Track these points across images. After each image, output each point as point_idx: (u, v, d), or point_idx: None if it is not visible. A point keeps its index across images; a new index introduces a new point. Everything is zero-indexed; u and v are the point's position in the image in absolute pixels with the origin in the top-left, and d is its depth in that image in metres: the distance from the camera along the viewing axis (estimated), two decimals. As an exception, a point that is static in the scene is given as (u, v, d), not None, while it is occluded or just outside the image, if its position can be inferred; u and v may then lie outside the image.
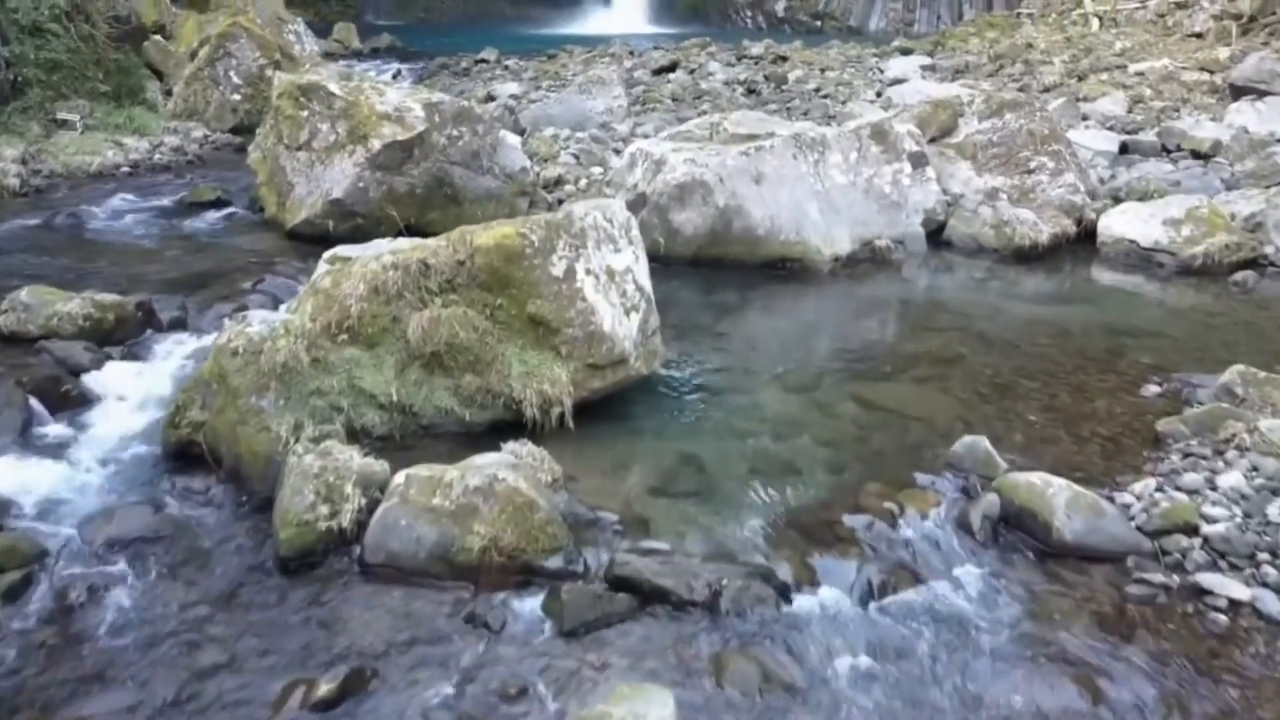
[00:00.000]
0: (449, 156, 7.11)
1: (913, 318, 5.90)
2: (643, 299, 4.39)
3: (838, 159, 6.75)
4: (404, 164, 6.80)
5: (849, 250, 6.70)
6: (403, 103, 6.76)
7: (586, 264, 4.07)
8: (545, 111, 9.66)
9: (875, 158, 6.88)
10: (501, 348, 4.03)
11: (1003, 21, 22.25)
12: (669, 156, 6.71)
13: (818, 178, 6.68)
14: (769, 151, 6.59)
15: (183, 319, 5.30)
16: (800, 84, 12.82)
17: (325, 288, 3.95)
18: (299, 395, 3.83)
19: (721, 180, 6.51)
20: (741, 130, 6.92)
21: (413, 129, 6.68)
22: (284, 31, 13.67)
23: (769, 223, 6.53)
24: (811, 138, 6.69)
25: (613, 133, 9.62)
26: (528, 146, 9.09)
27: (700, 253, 6.68)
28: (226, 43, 10.93)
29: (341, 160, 6.65)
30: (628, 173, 7.02)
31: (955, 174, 7.59)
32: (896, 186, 6.91)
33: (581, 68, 14.94)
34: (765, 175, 6.55)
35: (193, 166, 9.37)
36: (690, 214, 6.60)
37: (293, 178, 6.91)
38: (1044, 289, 6.50)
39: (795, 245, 6.55)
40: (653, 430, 4.31)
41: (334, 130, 6.70)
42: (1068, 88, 13.01)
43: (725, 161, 6.54)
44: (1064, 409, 4.47)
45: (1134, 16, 19.15)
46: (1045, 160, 7.56)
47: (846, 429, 4.34)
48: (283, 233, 6.98)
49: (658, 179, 6.70)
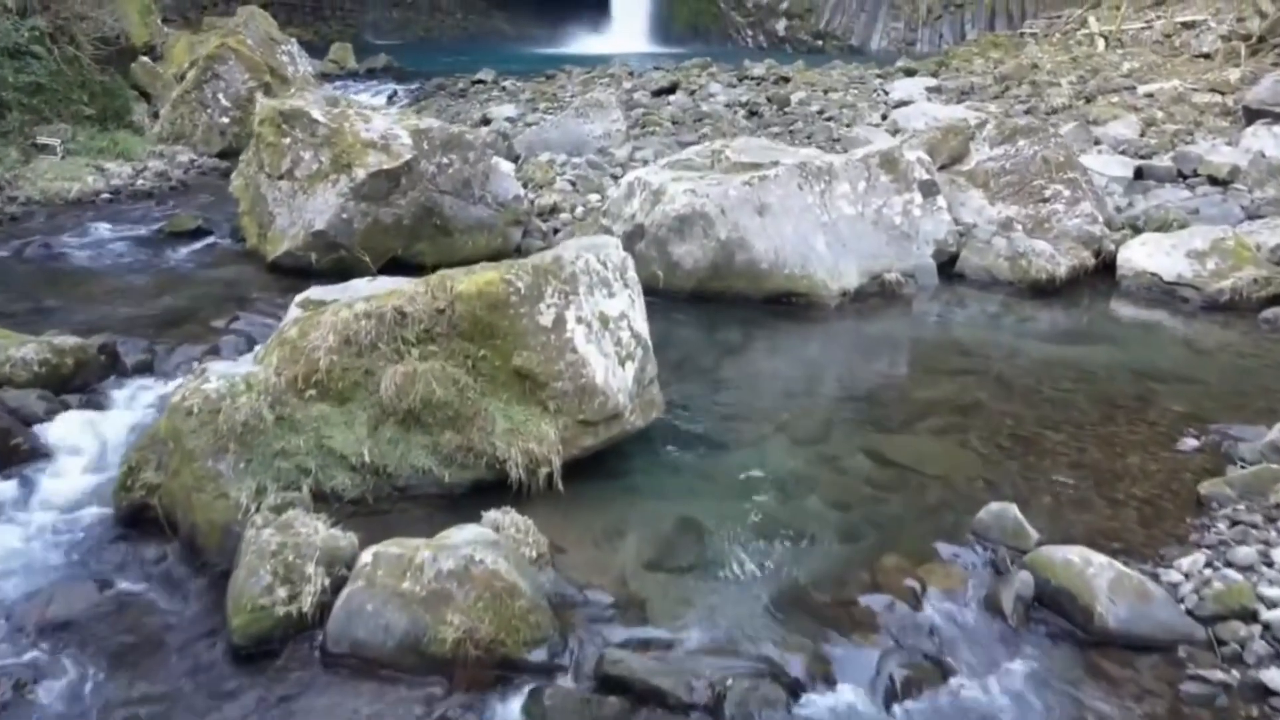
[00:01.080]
0: (438, 185, 6.80)
1: (926, 359, 5.57)
2: (639, 346, 4.06)
3: (845, 189, 6.43)
4: (390, 194, 6.49)
5: (857, 284, 6.37)
6: (389, 130, 6.46)
7: (577, 311, 3.74)
8: (541, 136, 9.37)
9: (885, 187, 6.57)
10: (484, 402, 3.70)
11: (1006, 41, 22.02)
12: (668, 186, 6.40)
13: (824, 209, 6.36)
14: (773, 181, 6.28)
15: (149, 362, 4.98)
16: (803, 106, 12.54)
17: (292, 338, 3.62)
18: (261, 457, 3.49)
19: (723, 212, 6.19)
20: (744, 158, 6.61)
21: (399, 157, 6.37)
22: (277, 52, 13.40)
23: (773, 256, 6.21)
24: (817, 167, 6.38)
25: (610, 158, 9.32)
26: (522, 173, 8.80)
27: (701, 287, 6.36)
28: (215, 64, 10.65)
29: (324, 190, 6.34)
30: (625, 203, 6.71)
31: (967, 203, 7.28)
32: (907, 217, 6.59)
33: (580, 89, 14.68)
34: (769, 206, 6.24)
35: (176, 193, 9.07)
36: (690, 247, 6.28)
37: (274, 208, 6.60)
38: (1063, 326, 6.16)
39: (801, 280, 6.23)
40: (650, 489, 3.98)
41: (317, 159, 6.40)
42: (1076, 110, 12.73)
43: (727, 192, 6.23)
44: (1094, 466, 4.12)
45: (1140, 37, 18.90)
46: (1060, 188, 7.25)
47: (859, 489, 4.00)
48: (264, 265, 6.67)
49: (656, 210, 6.38)
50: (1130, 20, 19.67)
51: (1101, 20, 20.34)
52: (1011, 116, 12.70)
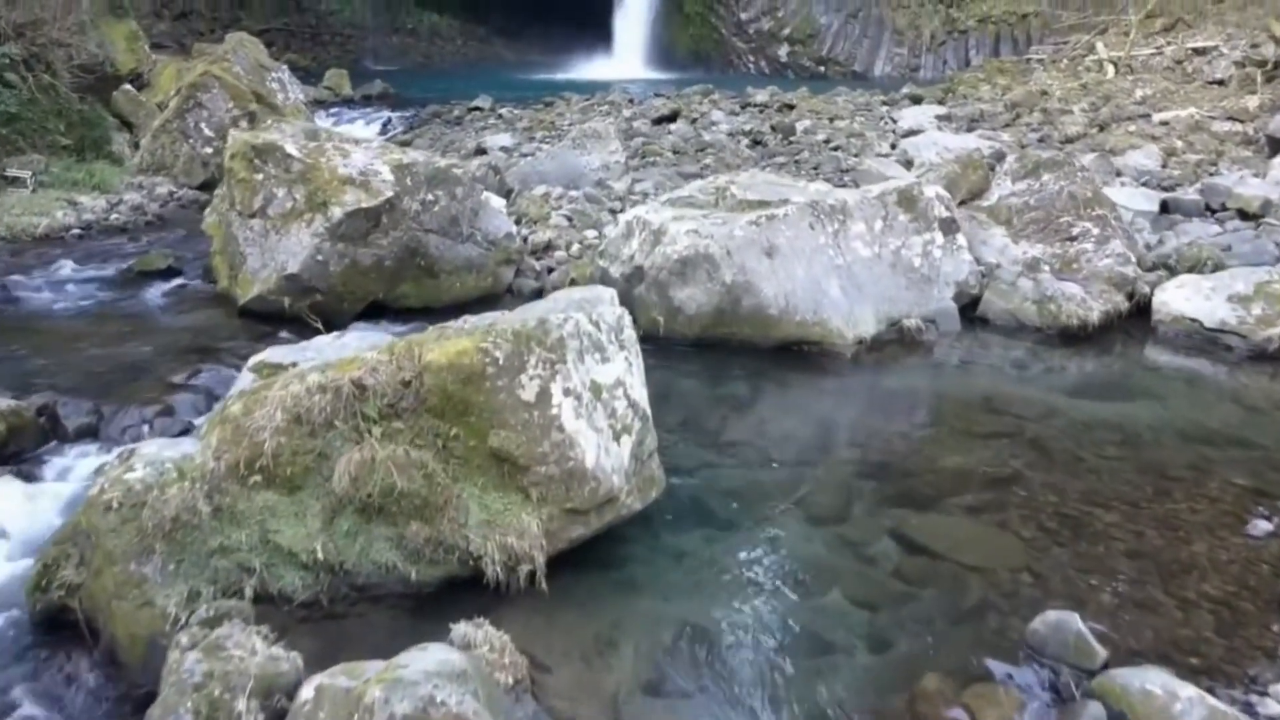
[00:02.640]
0: (423, 224, 6.34)
1: (953, 418, 5.07)
2: (636, 417, 3.57)
3: (860, 229, 5.96)
4: (370, 233, 6.02)
5: (874, 332, 5.89)
6: (369, 165, 6.00)
7: (565, 382, 3.25)
8: (536, 168, 8.93)
9: (903, 227, 6.10)
10: (457, 488, 3.20)
11: (1012, 67, 21.69)
12: (669, 226, 5.93)
13: (838, 250, 5.89)
14: (782, 221, 5.82)
15: (94, 426, 4.49)
16: (809, 135, 12.11)
17: (234, 416, 3.13)
18: (195, 556, 3.00)
19: (729, 254, 5.72)
20: (751, 195, 6.15)
21: (379, 195, 5.91)
22: (266, 80, 13.01)
23: (783, 301, 5.74)
24: (830, 205, 5.91)
25: (609, 191, 8.87)
26: (516, 207, 8.35)
27: (705, 333, 5.88)
28: (197, 93, 10.23)
29: (299, 230, 5.87)
30: (623, 243, 6.24)
31: (989, 241, 6.81)
32: (927, 259, 6.12)
33: (579, 116, 14.27)
34: (778, 248, 5.77)
35: (151, 227, 8.61)
36: (693, 291, 5.81)
37: (245, 248, 6.13)
38: (1099, 379, 5.67)
39: (813, 327, 5.74)
40: (648, 584, 3.47)
41: (291, 196, 5.93)
42: (1091, 139, 12.30)
43: (733, 232, 5.76)
44: (1155, 556, 3.62)
45: (1150, 63, 18.54)
46: (1089, 226, 6.78)
47: (888, 583, 3.50)
48: (234, 309, 6.19)
49: (657, 251, 5.91)
50: (1139, 46, 19.33)
51: (1110, 46, 20.01)
52: (1025, 145, 12.31)
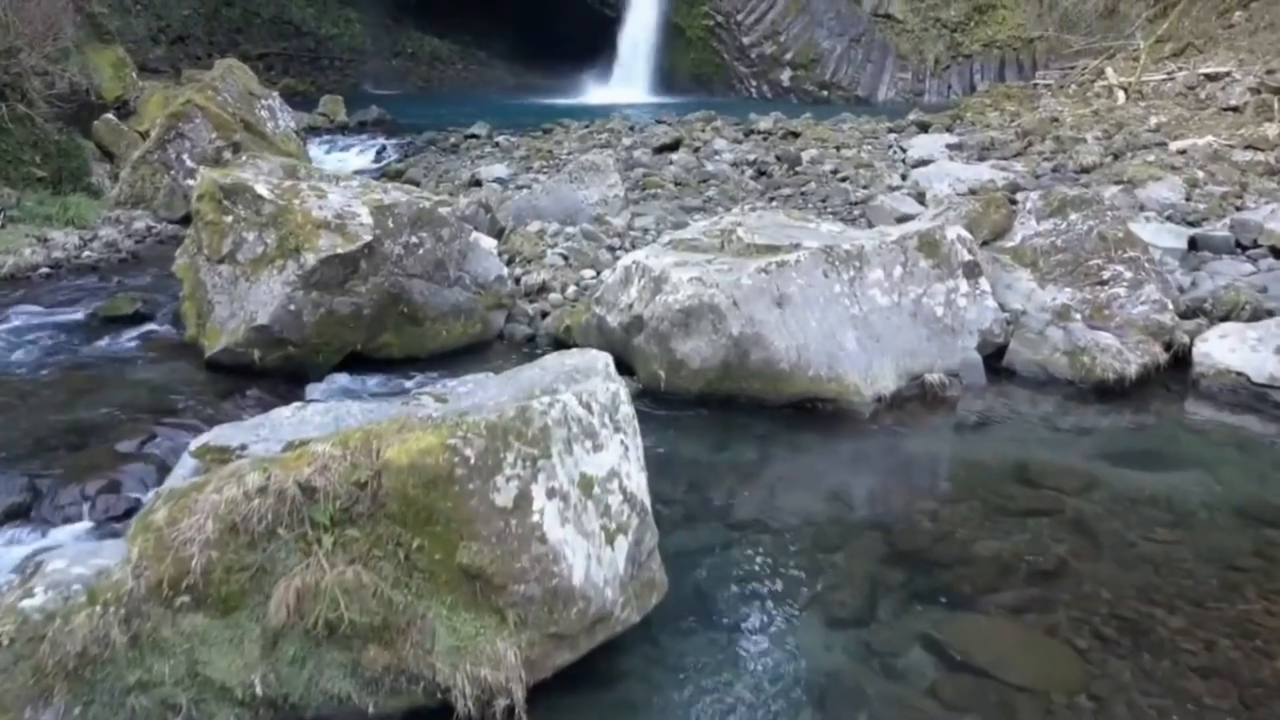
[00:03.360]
0: (405, 268, 5.89)
1: (985, 491, 4.58)
2: (634, 513, 3.09)
3: (878, 276, 5.51)
4: (347, 280, 5.57)
5: (894, 388, 5.42)
6: (346, 207, 5.56)
7: (549, 481, 2.78)
8: (531, 203, 8.50)
9: (924, 273, 5.64)
10: (421, 606, 2.72)
11: (1019, 93, 21.35)
12: (671, 273, 5.48)
13: (855, 299, 5.43)
14: (794, 268, 5.36)
15: (26, 506, 4.02)
16: (815, 165, 11.69)
17: (158, 525, 2.66)
18: (108, 696, 2.52)
19: (736, 304, 5.26)
20: (759, 239, 5.70)
21: (356, 239, 5.46)
22: (255, 108, 12.61)
23: (795, 355, 5.27)
24: (846, 251, 5.46)
25: (607, 227, 8.43)
26: (509, 245, 7.91)
27: (710, 389, 5.42)
28: (179, 123, 9.83)
29: (269, 277, 5.42)
30: (621, 289, 5.79)
31: (1014, 286, 6.35)
32: (950, 308, 5.66)
33: (577, 145, 13.87)
34: (790, 297, 5.31)
35: (125, 266, 8.18)
36: (698, 343, 5.35)
37: (213, 295, 5.68)
38: (1141, 443, 5.19)
39: (828, 382, 5.28)
40: (645, 706, 2.99)
41: (261, 240, 5.49)
42: (1108, 169, 11.87)
43: (740, 280, 5.31)
44: (1234, 674, 3.13)
45: (1161, 89, 18.17)
46: (1120, 269, 6.33)
47: (923, 705, 3.01)
48: (202, 361, 5.73)
49: (657, 300, 5.46)
50: (1150, 72, 18.97)
51: (1119, 72, 19.66)
52: (1039, 175, 11.89)
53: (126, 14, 25.68)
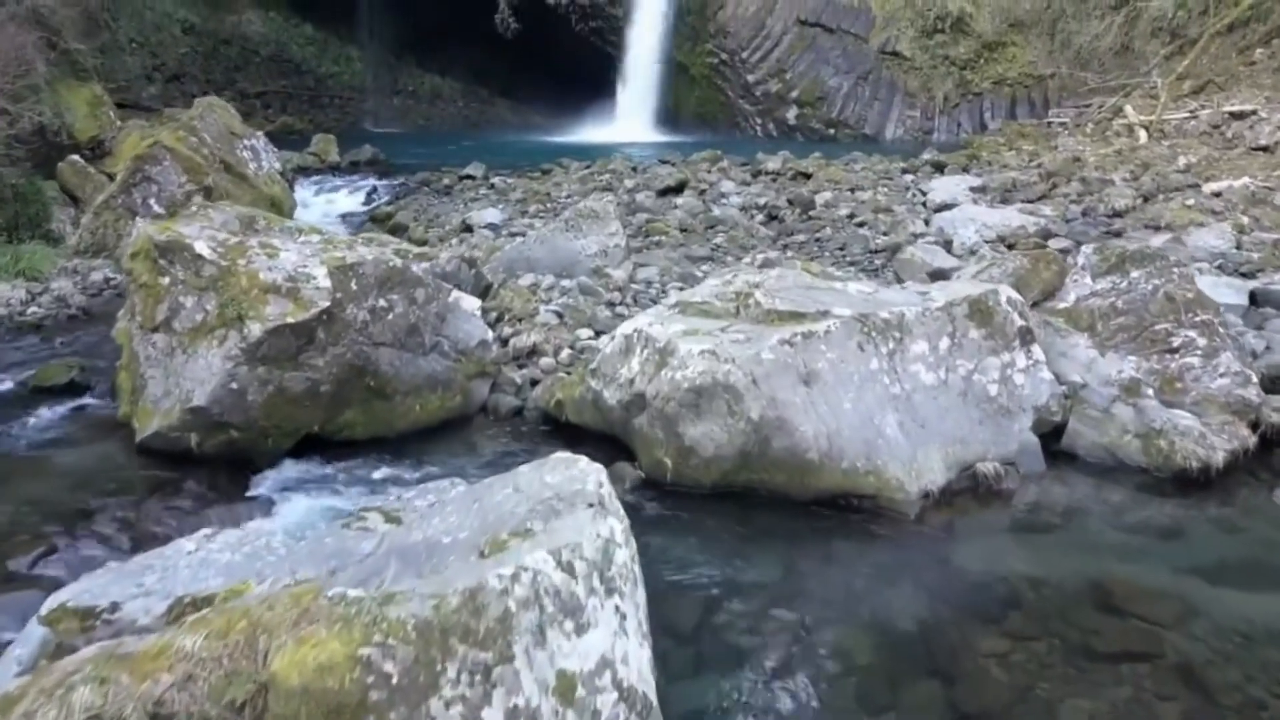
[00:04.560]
0: (372, 336, 5.11)
1: (1062, 621, 3.73)
2: (633, 714, 2.26)
3: (922, 349, 4.71)
4: (301, 352, 4.78)
5: (943, 481, 4.60)
6: (301, 267, 4.78)
7: (511, 696, 1.95)
8: (524, 254, 7.73)
9: (976, 346, 4.84)
10: None
11: (1034, 132, 20.72)
12: (678, 344, 4.68)
13: (895, 377, 4.63)
14: (823, 340, 4.56)
15: None
16: (830, 209, 10.94)
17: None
18: None
19: (755, 382, 4.46)
20: (780, 304, 4.90)
21: (311, 306, 4.68)
22: (236, 148, 11.94)
23: (825, 443, 4.46)
24: (884, 319, 4.66)
25: (607, 280, 7.66)
26: (497, 301, 7.13)
27: (726, 481, 4.61)
28: (145, 165, 9.12)
29: (208, 350, 4.63)
30: (621, 360, 4.99)
31: (1070, 354, 5.55)
32: (1006, 386, 4.85)
33: (577, 187, 13.17)
34: (819, 374, 4.51)
35: (74, 324, 7.40)
36: (710, 427, 4.54)
37: (147, 369, 4.89)
38: (1239, 550, 4.34)
39: (865, 476, 4.46)
40: None
41: (201, 307, 4.71)
42: (1142, 212, 11.13)
43: (760, 354, 4.51)
44: None
45: (1184, 127, 17.50)
46: (1192, 335, 5.52)
47: None
48: (134, 445, 4.93)
49: (663, 376, 4.66)
50: (1171, 110, 18.32)
51: (1139, 110, 19.01)
52: (1070, 220, 11.14)
53: (120, 52, 25.30)
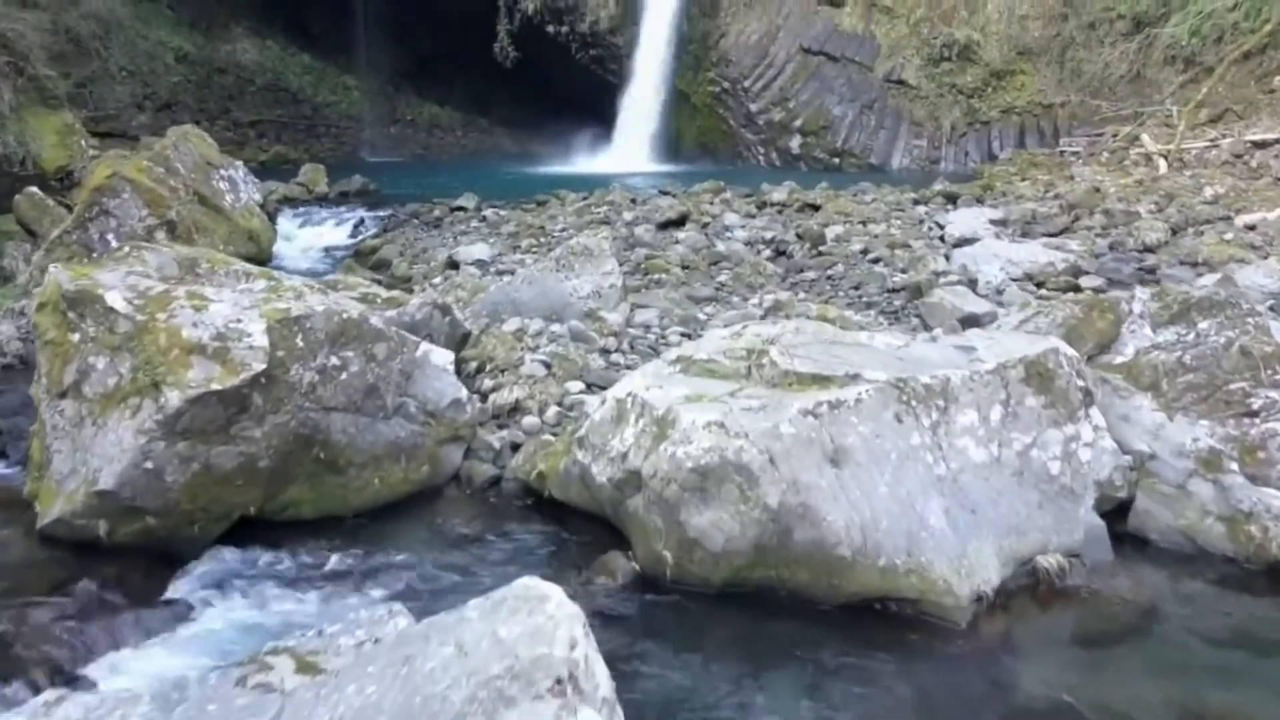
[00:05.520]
0: (321, 400, 4.36)
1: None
2: None
3: (971, 420, 3.95)
4: (233, 423, 4.03)
5: (997, 579, 3.82)
6: (234, 322, 4.04)
7: None
8: (509, 296, 7.00)
9: (1033, 415, 4.08)
10: None
11: (1047, 161, 20.10)
12: (680, 413, 3.93)
13: (940, 454, 3.87)
14: (853, 410, 3.81)
15: None
16: (842, 244, 10.22)
17: None
18: None
19: (773, 461, 3.71)
20: (800, 364, 4.16)
21: (243, 370, 3.94)
22: (212, 178, 11.27)
23: (858, 535, 3.70)
24: (926, 385, 3.91)
25: (601, 324, 6.92)
26: (479, 349, 6.39)
27: (738, 579, 3.84)
28: (103, 198, 8.43)
29: (119, 422, 3.89)
30: (612, 430, 4.24)
31: (1133, 417, 4.80)
32: (1069, 463, 4.08)
33: (573, 218, 12.48)
34: (849, 452, 3.76)
35: (9, 374, 6.66)
36: (719, 515, 3.78)
37: (53, 441, 4.14)
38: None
39: (906, 576, 3.69)
40: None
41: (114, 369, 3.97)
42: (1175, 247, 10.42)
43: (778, 428, 3.76)
44: None
45: (1205, 157, 16.86)
46: (1274, 396, 4.77)
47: None
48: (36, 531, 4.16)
49: (662, 452, 3.90)
50: (1190, 139, 17.68)
51: (1156, 138, 18.37)
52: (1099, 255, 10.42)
53: (110, 80, 24.84)
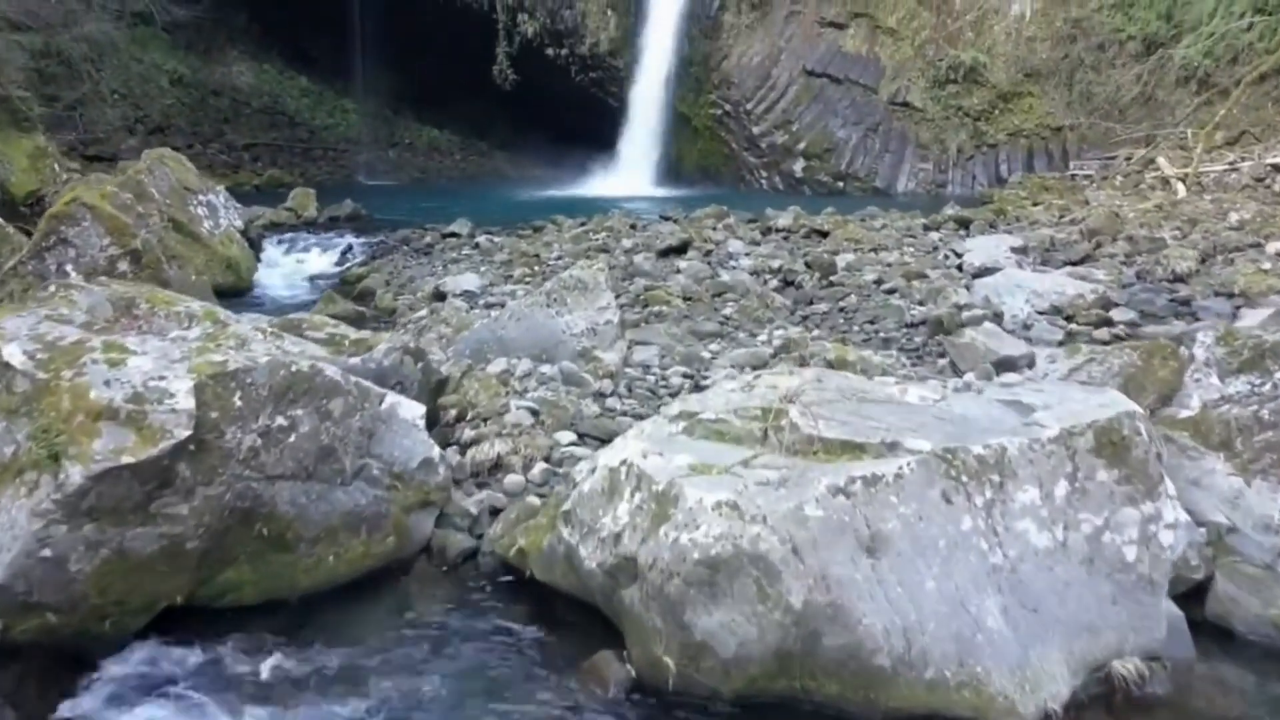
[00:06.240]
0: (264, 467, 3.73)
1: None
2: None
3: (1031, 498, 3.31)
4: (154, 500, 3.40)
5: (1067, 691, 3.17)
6: (154, 380, 3.42)
7: None
8: (495, 333, 6.39)
9: (1106, 492, 3.44)
10: None
11: (1058, 185, 19.54)
12: (684, 489, 3.29)
13: (996, 540, 3.23)
14: (892, 487, 3.18)
15: None
16: (854, 273, 9.61)
17: None
18: None
19: (796, 551, 3.07)
20: (825, 427, 3.52)
21: (163, 438, 3.31)
22: (190, 203, 10.71)
23: (900, 641, 3.05)
24: (978, 457, 3.27)
25: (596, 365, 6.30)
26: (459, 394, 5.76)
27: (755, 690, 3.18)
28: (62, 226, 7.84)
29: (13, 501, 3.25)
30: (603, 504, 3.60)
31: (1206, 482, 4.16)
32: (1148, 548, 3.43)
33: (570, 246, 11.89)
34: (888, 540, 3.12)
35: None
36: (732, 616, 3.13)
37: (-56, 519, 3.50)
38: None
39: (959, 691, 3.04)
40: None
41: (9, 438, 3.34)
42: (1208, 276, 9.80)
43: (803, 510, 3.12)
44: None
45: (1224, 180, 16.29)
46: (1369, 458, 4.14)
47: None
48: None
49: (663, 536, 3.26)
50: (1209, 162, 17.12)
51: (1173, 161, 17.82)
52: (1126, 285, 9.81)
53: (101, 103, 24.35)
